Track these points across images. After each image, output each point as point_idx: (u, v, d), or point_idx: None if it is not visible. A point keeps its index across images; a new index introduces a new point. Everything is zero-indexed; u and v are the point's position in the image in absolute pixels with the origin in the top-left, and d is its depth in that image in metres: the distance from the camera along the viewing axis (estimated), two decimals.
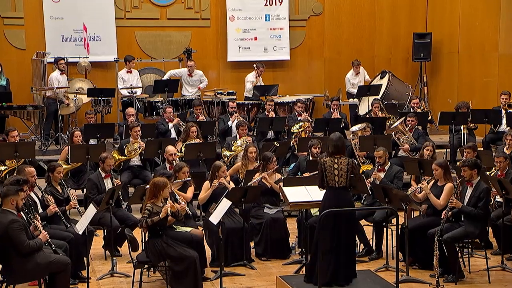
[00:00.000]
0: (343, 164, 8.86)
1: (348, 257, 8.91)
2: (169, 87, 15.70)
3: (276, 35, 18.17)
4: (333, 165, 8.84)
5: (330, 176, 8.84)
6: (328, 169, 8.84)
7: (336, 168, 8.82)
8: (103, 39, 17.30)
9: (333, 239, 8.69)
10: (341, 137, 9.08)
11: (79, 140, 12.63)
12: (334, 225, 8.68)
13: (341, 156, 8.90)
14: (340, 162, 8.85)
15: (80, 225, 9.03)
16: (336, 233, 8.71)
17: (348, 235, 8.85)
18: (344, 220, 8.78)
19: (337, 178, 8.82)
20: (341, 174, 8.82)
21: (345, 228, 8.78)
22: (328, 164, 8.87)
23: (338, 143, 8.94)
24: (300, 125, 13.82)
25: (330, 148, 8.97)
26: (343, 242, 8.76)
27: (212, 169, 10.74)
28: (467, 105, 15.00)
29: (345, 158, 8.91)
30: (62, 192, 10.14)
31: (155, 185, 9.12)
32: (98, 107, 15.51)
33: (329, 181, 8.87)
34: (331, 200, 8.80)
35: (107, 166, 10.85)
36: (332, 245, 8.68)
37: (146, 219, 8.90)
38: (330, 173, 8.83)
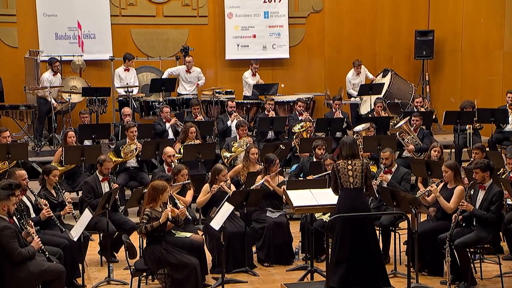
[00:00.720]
0: (358, 166, 8.64)
1: (373, 263, 8.55)
2: (166, 86, 15.28)
3: (275, 33, 17.74)
4: (346, 166, 8.60)
5: (344, 178, 8.59)
6: (342, 171, 8.61)
7: (350, 169, 8.58)
8: (98, 37, 16.85)
9: (353, 244, 8.34)
10: (355, 140, 8.88)
11: (73, 141, 12.19)
12: (352, 229, 8.31)
13: (355, 158, 8.63)
14: (354, 164, 8.62)
15: (75, 231, 8.63)
16: (356, 237, 8.35)
17: (369, 239, 8.50)
18: (363, 223, 8.43)
19: (352, 179, 8.58)
20: (355, 175, 8.59)
21: (365, 230, 8.44)
22: (341, 166, 8.63)
23: (353, 147, 8.72)
24: (302, 125, 13.39)
25: (344, 151, 8.72)
26: (366, 246, 8.42)
27: (213, 172, 10.34)
28: (472, 104, 14.60)
29: (359, 161, 8.69)
30: (57, 196, 9.75)
31: (154, 188, 8.71)
32: (93, 106, 15.07)
33: (343, 183, 8.60)
34: (346, 202, 8.54)
35: (105, 169, 10.42)
36: (352, 251, 8.32)
37: (145, 225, 8.49)
38: (344, 175, 8.59)
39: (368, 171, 8.65)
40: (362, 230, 8.49)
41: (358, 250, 8.44)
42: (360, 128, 13.32)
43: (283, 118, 14.41)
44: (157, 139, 13.44)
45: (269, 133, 14.31)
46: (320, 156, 11.72)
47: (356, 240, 8.44)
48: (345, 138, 8.87)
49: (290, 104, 15.60)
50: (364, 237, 8.50)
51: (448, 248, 8.94)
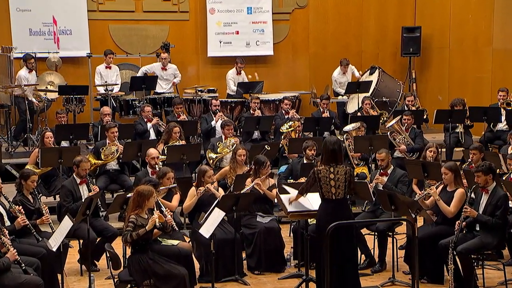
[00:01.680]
0: (340, 174, 8.00)
1: (352, 272, 8.07)
2: (146, 83, 14.69)
3: (259, 29, 17.18)
4: (328, 175, 7.97)
5: (326, 188, 7.98)
6: (323, 180, 7.97)
7: (332, 178, 7.96)
8: (75, 33, 16.18)
9: (335, 254, 7.78)
10: (339, 141, 8.22)
11: (51, 142, 11.54)
12: (334, 240, 7.74)
13: (338, 164, 7.98)
14: (336, 172, 7.98)
15: (54, 240, 8.02)
16: (337, 248, 7.80)
17: (348, 250, 7.97)
18: (344, 235, 7.88)
19: (334, 190, 7.99)
20: (338, 185, 7.99)
21: (346, 243, 7.89)
22: (323, 173, 7.97)
23: (334, 148, 8.06)
24: (290, 125, 12.83)
25: (325, 154, 8.08)
26: (346, 257, 7.89)
27: (198, 174, 9.82)
28: (463, 102, 14.15)
29: (342, 167, 8.03)
30: (34, 202, 9.15)
31: (139, 194, 8.13)
32: (70, 105, 14.42)
33: (325, 193, 8.01)
34: (328, 215, 7.91)
35: (82, 171, 9.80)
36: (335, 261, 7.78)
37: (130, 233, 7.90)
38: (325, 184, 7.98)
39: (352, 177, 8.09)
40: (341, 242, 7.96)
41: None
42: (350, 128, 12.80)
43: (270, 117, 13.86)
44: (139, 139, 12.87)
45: (255, 133, 13.75)
46: (311, 157, 11.22)
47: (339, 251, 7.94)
48: (328, 138, 8.23)
49: (276, 102, 15.07)
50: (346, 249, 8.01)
51: (451, 255, 8.45)
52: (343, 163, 8.08)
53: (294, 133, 12.76)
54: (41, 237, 8.63)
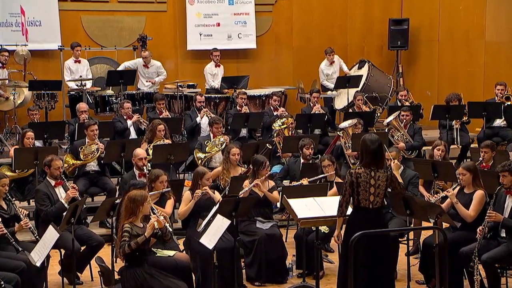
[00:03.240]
0: (382, 180, 7.06)
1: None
2: (124, 78, 13.71)
3: (241, 21, 16.30)
4: (369, 180, 7.02)
5: (364, 195, 7.04)
6: (363, 185, 7.01)
7: (373, 185, 7.03)
8: (44, 24, 15.11)
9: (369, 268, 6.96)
10: (380, 139, 7.19)
11: (31, 143, 10.52)
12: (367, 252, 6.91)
13: (379, 167, 7.08)
14: (377, 177, 7.04)
15: (37, 254, 7.12)
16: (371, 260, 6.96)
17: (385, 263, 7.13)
18: (381, 247, 7.04)
19: (373, 198, 7.06)
20: (377, 193, 7.06)
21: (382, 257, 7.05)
22: (363, 178, 7.02)
23: (375, 148, 7.07)
24: (283, 121, 11.98)
25: (365, 156, 7.09)
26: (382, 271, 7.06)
27: (194, 176, 8.95)
28: (459, 97, 13.43)
29: (383, 172, 7.09)
30: (8, 209, 8.17)
31: (132, 200, 7.26)
32: (41, 102, 13.44)
33: (361, 201, 7.06)
34: (364, 226, 6.95)
35: (55, 171, 8.83)
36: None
37: (127, 243, 7.01)
38: (364, 191, 7.03)
39: (393, 182, 7.23)
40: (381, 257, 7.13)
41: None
42: (346, 125, 11.97)
43: (259, 114, 13.01)
44: (122, 139, 11.96)
45: (242, 131, 12.89)
46: (309, 157, 10.42)
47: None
48: (367, 137, 7.19)
49: (262, 98, 14.21)
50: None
51: (477, 266, 7.68)
52: (384, 166, 7.17)
53: (287, 130, 11.92)
54: (21, 248, 7.71)
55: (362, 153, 7.16)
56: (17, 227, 7.99)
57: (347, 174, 7.14)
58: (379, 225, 7.11)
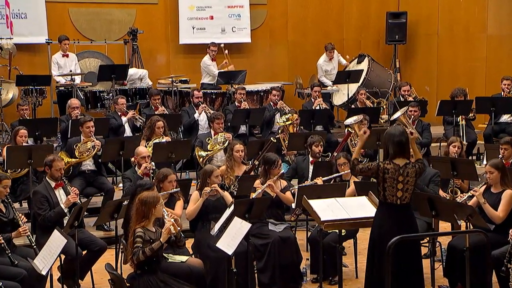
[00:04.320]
0: (410, 175, 6.58)
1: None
2: (116, 73, 13.07)
3: (235, 14, 15.71)
4: (397, 176, 6.54)
5: (391, 191, 6.56)
6: (389, 181, 6.54)
7: (401, 181, 6.55)
8: (31, 16, 14.38)
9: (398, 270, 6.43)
10: (405, 131, 6.72)
11: (24, 141, 9.88)
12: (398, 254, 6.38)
13: (407, 161, 6.58)
14: (406, 173, 6.56)
15: (41, 262, 6.54)
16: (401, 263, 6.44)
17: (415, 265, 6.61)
18: (409, 249, 6.52)
19: (400, 193, 6.57)
20: (406, 188, 6.58)
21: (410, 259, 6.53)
22: (390, 174, 6.54)
23: (401, 140, 6.60)
24: (288, 117, 11.41)
25: (391, 147, 6.61)
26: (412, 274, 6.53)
27: (202, 175, 8.38)
28: (464, 92, 13.00)
29: (412, 166, 6.60)
30: (6, 212, 7.59)
31: (143, 203, 6.69)
32: (29, 98, 12.78)
33: (388, 196, 6.59)
34: (391, 224, 6.52)
35: (56, 172, 8.22)
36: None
37: (141, 249, 6.44)
38: (391, 187, 6.55)
39: (420, 175, 6.75)
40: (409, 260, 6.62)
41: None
42: (352, 121, 11.37)
43: (261, 109, 12.47)
44: (116, 136, 11.41)
45: (241, 128, 12.35)
46: (318, 155, 9.89)
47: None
48: (392, 130, 6.73)
49: (260, 94, 13.67)
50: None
51: (509, 270, 7.19)
52: (411, 159, 6.69)
53: (292, 127, 11.36)
54: (17, 254, 7.16)
55: (386, 147, 6.68)
56: (14, 234, 7.45)
57: (374, 164, 6.68)
58: (408, 223, 6.62)
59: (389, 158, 6.60)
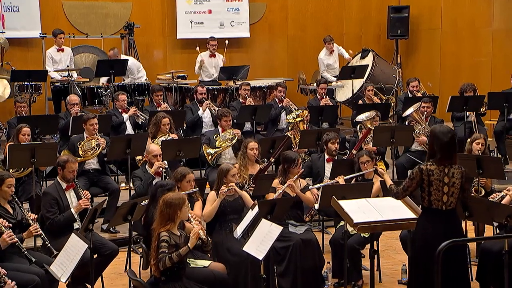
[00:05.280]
0: (456, 177, 6.14)
1: None
2: (115, 68, 12.56)
3: (233, 8, 15.27)
4: (442, 178, 6.09)
5: (437, 195, 6.12)
6: (436, 184, 6.09)
7: (447, 183, 6.11)
8: (23, 10, 13.89)
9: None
10: (452, 130, 6.28)
11: (27, 140, 9.35)
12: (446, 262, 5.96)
13: (453, 163, 6.15)
14: (451, 174, 6.12)
15: (60, 268, 6.07)
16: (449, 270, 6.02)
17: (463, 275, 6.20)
18: (456, 257, 6.10)
19: (446, 198, 6.13)
20: (451, 192, 6.14)
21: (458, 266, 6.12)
22: (436, 175, 6.09)
23: (449, 141, 6.14)
24: (298, 114, 10.97)
25: (438, 150, 6.15)
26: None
27: (219, 174, 7.93)
28: (474, 87, 12.60)
29: (458, 168, 6.16)
30: (14, 213, 7.12)
31: (169, 205, 6.25)
32: (24, 94, 12.27)
33: (433, 201, 6.15)
34: (438, 231, 6.08)
35: (69, 173, 7.79)
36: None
37: (168, 255, 5.99)
38: (437, 190, 6.11)
39: (468, 181, 6.32)
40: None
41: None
42: (364, 118, 11.04)
43: (267, 106, 12.02)
44: (117, 134, 10.96)
45: (246, 125, 11.91)
46: (334, 152, 9.48)
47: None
48: (438, 128, 6.26)
49: (264, 89, 13.23)
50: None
51: None
52: (457, 161, 6.22)
53: (302, 124, 10.92)
54: (34, 258, 6.75)
55: (432, 147, 6.22)
56: (26, 233, 7.02)
57: (416, 170, 6.21)
58: (455, 229, 6.19)
59: (434, 160, 6.15)
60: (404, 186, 6.26)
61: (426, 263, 6.12)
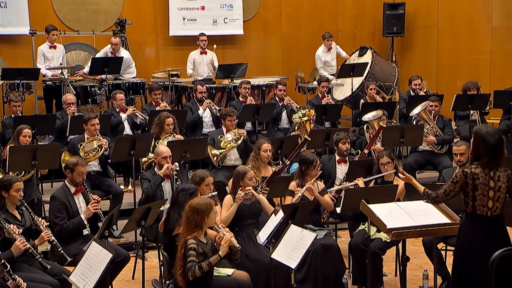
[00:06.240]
0: (502, 181, 5.77)
1: None
2: (110, 66, 12.13)
3: (227, 4, 14.89)
4: (488, 182, 5.74)
5: (482, 200, 5.76)
6: (481, 189, 5.74)
7: (492, 187, 5.75)
8: (11, 6, 13.45)
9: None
10: (499, 132, 5.90)
11: (28, 142, 8.90)
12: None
13: (499, 166, 5.79)
14: (497, 178, 5.77)
15: (81, 279, 5.64)
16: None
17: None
18: (507, 264, 5.76)
19: (491, 203, 5.77)
20: (497, 197, 5.78)
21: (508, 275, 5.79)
22: (481, 179, 5.75)
23: (496, 144, 5.77)
24: (304, 113, 10.60)
25: (484, 152, 5.78)
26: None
27: (235, 177, 7.57)
28: (477, 86, 12.38)
29: (504, 171, 5.80)
30: (22, 220, 6.71)
31: (195, 211, 5.89)
32: (15, 93, 11.79)
33: (478, 207, 5.79)
34: (484, 238, 5.75)
35: (78, 177, 7.42)
36: None
37: (198, 264, 5.62)
38: (482, 195, 5.75)
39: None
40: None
41: None
42: (370, 117, 10.72)
43: (270, 105, 11.67)
44: (115, 134, 10.56)
45: (247, 124, 11.56)
46: (345, 153, 9.15)
47: None
48: (484, 129, 5.88)
49: (262, 88, 12.88)
50: None
51: None
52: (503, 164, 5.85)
53: (308, 123, 10.57)
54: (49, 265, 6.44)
55: (477, 149, 5.86)
56: (38, 240, 6.64)
57: (460, 173, 5.86)
58: (501, 238, 5.85)
59: (479, 163, 5.82)
60: (446, 190, 5.92)
61: (471, 272, 5.80)
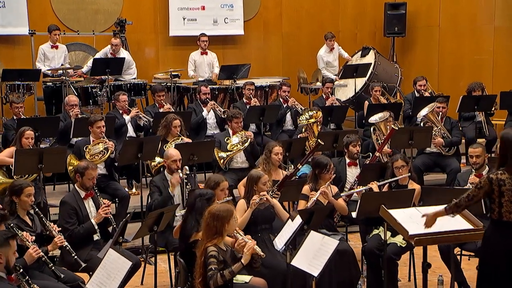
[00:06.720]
0: None
1: None
2: (111, 67, 11.95)
3: (227, 4, 14.70)
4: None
5: (509, 206, 5.63)
6: (508, 195, 5.61)
7: None
8: (10, 6, 13.23)
9: None
10: None
11: (30, 144, 8.71)
12: None
13: None
14: None
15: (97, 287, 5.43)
16: None
17: None
18: None
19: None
20: None
21: None
22: (508, 185, 5.61)
23: None
24: (311, 115, 10.44)
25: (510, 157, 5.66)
26: None
27: (248, 181, 7.42)
28: (482, 86, 12.27)
29: None
30: (33, 225, 6.56)
31: (216, 217, 5.73)
32: (15, 94, 11.62)
33: (504, 214, 5.66)
34: (505, 244, 5.62)
35: (89, 181, 7.26)
36: None
37: (220, 272, 5.47)
38: (509, 202, 5.62)
39: None
40: None
41: None
42: (377, 119, 10.56)
43: (276, 106, 11.51)
44: (119, 136, 10.37)
45: (251, 126, 11.40)
46: (356, 156, 9.00)
47: None
48: (511, 132, 5.80)
49: (265, 89, 12.72)
50: None
51: None
52: None
53: (316, 125, 10.42)
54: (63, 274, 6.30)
55: (505, 154, 5.73)
56: (51, 246, 6.50)
57: (485, 179, 5.73)
58: None
59: (506, 169, 5.67)
60: (469, 195, 5.78)
61: (496, 280, 5.67)
